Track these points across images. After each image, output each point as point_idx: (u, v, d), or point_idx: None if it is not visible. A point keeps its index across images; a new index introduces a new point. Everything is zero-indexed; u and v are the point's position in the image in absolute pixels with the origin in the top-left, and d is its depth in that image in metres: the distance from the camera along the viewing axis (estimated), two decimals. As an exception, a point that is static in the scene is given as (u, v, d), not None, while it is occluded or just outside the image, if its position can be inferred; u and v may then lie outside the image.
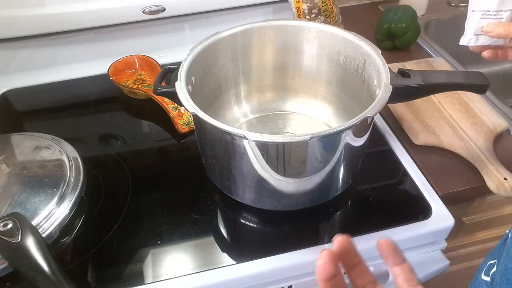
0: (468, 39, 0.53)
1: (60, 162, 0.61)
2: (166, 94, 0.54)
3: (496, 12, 0.49)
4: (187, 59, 0.56)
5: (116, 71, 0.83)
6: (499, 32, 0.49)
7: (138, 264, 0.54)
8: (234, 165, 0.52)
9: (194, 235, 0.57)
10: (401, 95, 0.53)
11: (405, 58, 0.87)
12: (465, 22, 0.53)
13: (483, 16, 0.50)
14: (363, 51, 0.58)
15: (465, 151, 0.65)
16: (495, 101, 0.76)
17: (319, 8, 0.84)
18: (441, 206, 0.59)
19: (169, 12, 0.86)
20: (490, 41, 0.52)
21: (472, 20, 0.51)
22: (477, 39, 0.52)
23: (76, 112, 0.81)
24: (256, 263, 0.53)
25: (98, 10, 0.82)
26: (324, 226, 0.59)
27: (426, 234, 0.57)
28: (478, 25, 0.51)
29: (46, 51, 0.87)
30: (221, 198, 0.61)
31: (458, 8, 1.07)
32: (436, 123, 0.70)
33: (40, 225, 0.54)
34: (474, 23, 0.51)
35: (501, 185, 0.59)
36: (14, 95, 0.85)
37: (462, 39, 0.53)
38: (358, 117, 0.47)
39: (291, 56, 0.67)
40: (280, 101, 0.72)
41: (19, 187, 0.57)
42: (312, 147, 0.49)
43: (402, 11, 0.88)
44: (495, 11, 0.49)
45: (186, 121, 0.72)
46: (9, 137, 0.66)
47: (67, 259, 0.55)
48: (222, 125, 0.46)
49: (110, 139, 0.74)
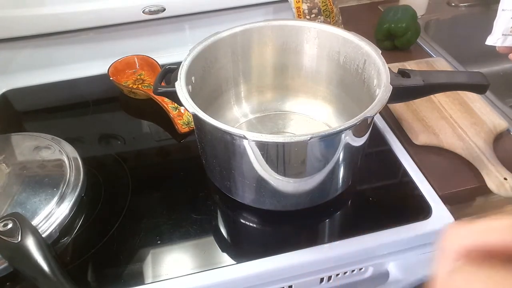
0: (496, 38, 0.51)
1: (60, 162, 0.61)
2: (166, 94, 0.54)
3: None
4: (187, 59, 0.56)
5: (116, 71, 0.83)
6: None
7: (138, 264, 0.54)
8: (234, 165, 0.52)
9: (194, 235, 0.57)
10: (401, 95, 0.53)
11: (405, 58, 0.87)
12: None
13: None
14: (363, 51, 0.58)
15: (465, 151, 0.65)
16: (495, 101, 0.76)
17: (319, 8, 0.84)
18: (441, 206, 0.59)
19: (169, 12, 0.86)
20: None
21: (502, 19, 0.49)
22: (505, 39, 0.50)
23: (76, 112, 0.81)
24: (256, 263, 0.53)
25: (98, 10, 0.82)
26: (324, 226, 0.59)
27: (426, 234, 0.57)
28: (508, 24, 0.49)
29: (46, 51, 0.87)
30: (221, 198, 0.61)
31: (458, 8, 1.07)
32: (436, 123, 0.70)
33: (40, 225, 0.54)
34: (504, 22, 0.49)
35: (501, 185, 0.59)
36: (14, 95, 0.85)
37: (489, 38, 0.51)
38: (358, 117, 0.47)
39: (291, 56, 0.67)
40: (280, 101, 0.72)
41: (19, 187, 0.57)
42: (312, 147, 0.49)
43: (402, 11, 0.88)
44: None
45: (186, 121, 0.72)
46: (9, 137, 0.66)
47: (67, 259, 0.55)
48: (222, 125, 0.46)
49: (110, 139, 0.74)
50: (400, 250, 0.58)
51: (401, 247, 0.58)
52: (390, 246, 0.57)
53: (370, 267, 0.59)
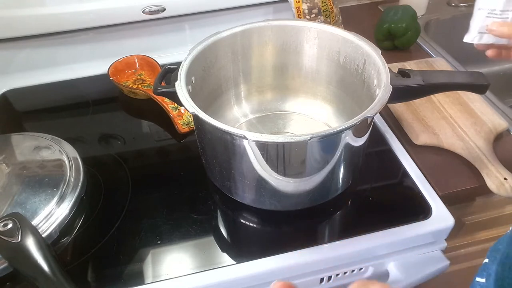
0: (472, 36, 0.53)
1: (60, 162, 0.61)
2: (166, 94, 0.54)
3: (502, 12, 0.49)
4: (187, 59, 0.56)
5: (116, 71, 0.83)
6: (502, 32, 0.49)
7: (138, 264, 0.54)
8: (234, 165, 0.52)
9: (194, 235, 0.57)
10: (401, 95, 0.53)
11: (405, 58, 0.87)
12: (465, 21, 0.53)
13: (488, 14, 0.50)
14: (363, 51, 0.58)
15: (465, 151, 0.65)
16: (495, 101, 0.76)
17: (319, 8, 0.84)
18: (441, 206, 0.59)
19: (169, 12, 0.86)
20: (493, 40, 0.51)
21: (477, 18, 0.51)
22: (481, 37, 0.52)
23: (76, 112, 0.81)
24: (256, 263, 0.53)
25: (98, 10, 0.82)
26: (324, 226, 0.59)
27: (426, 234, 0.57)
28: (483, 23, 0.51)
29: (46, 51, 0.87)
30: (221, 198, 0.61)
31: (458, 8, 1.07)
32: (436, 123, 0.70)
33: (40, 225, 0.54)
34: (479, 21, 0.51)
35: (501, 185, 0.59)
36: (14, 95, 0.85)
37: (466, 36, 0.53)
38: (358, 117, 0.47)
39: (291, 56, 0.67)
40: (280, 101, 0.72)
41: (19, 187, 0.57)
42: (312, 147, 0.49)
43: (402, 11, 0.88)
44: (501, 11, 0.49)
45: (186, 121, 0.72)
46: (9, 137, 0.66)
47: (67, 259, 0.55)
48: (222, 125, 0.46)
49: (110, 139, 0.74)
50: (400, 250, 0.58)
51: (401, 247, 0.58)
52: (390, 246, 0.57)
53: (370, 267, 0.59)
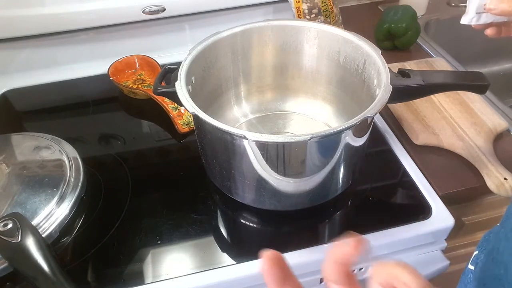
0: (470, 17, 0.50)
1: (60, 162, 0.61)
2: (166, 94, 0.54)
3: None
4: (187, 59, 0.56)
5: (116, 71, 0.82)
6: (502, 9, 0.46)
7: (138, 264, 0.54)
8: (234, 165, 0.52)
9: (194, 235, 0.57)
10: (401, 95, 0.53)
11: (405, 58, 0.87)
12: None
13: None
14: (363, 51, 0.58)
15: (465, 151, 0.65)
16: (495, 101, 0.76)
17: (319, 8, 0.84)
18: (441, 206, 0.59)
19: (169, 12, 0.86)
20: (492, 19, 0.49)
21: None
22: (479, 17, 0.50)
23: (76, 112, 0.81)
24: (256, 263, 0.53)
25: (98, 10, 0.82)
26: (324, 226, 0.59)
27: (426, 234, 0.57)
28: (481, 2, 0.48)
29: (46, 51, 0.87)
30: (221, 198, 0.61)
31: (458, 8, 1.07)
32: (436, 123, 0.70)
33: (40, 225, 0.54)
34: (476, 0, 0.49)
35: (501, 185, 0.59)
36: (14, 95, 0.85)
37: (464, 17, 0.51)
38: (358, 117, 0.47)
39: (291, 56, 0.67)
40: (280, 101, 0.72)
41: (19, 187, 0.57)
42: (312, 147, 0.49)
43: (402, 11, 0.88)
44: None
45: (186, 121, 0.72)
46: (9, 137, 0.66)
47: (67, 259, 0.55)
48: (222, 125, 0.46)
49: (110, 139, 0.74)
50: (400, 250, 0.58)
51: (401, 247, 0.58)
52: (390, 246, 0.57)
53: (370, 267, 0.59)
